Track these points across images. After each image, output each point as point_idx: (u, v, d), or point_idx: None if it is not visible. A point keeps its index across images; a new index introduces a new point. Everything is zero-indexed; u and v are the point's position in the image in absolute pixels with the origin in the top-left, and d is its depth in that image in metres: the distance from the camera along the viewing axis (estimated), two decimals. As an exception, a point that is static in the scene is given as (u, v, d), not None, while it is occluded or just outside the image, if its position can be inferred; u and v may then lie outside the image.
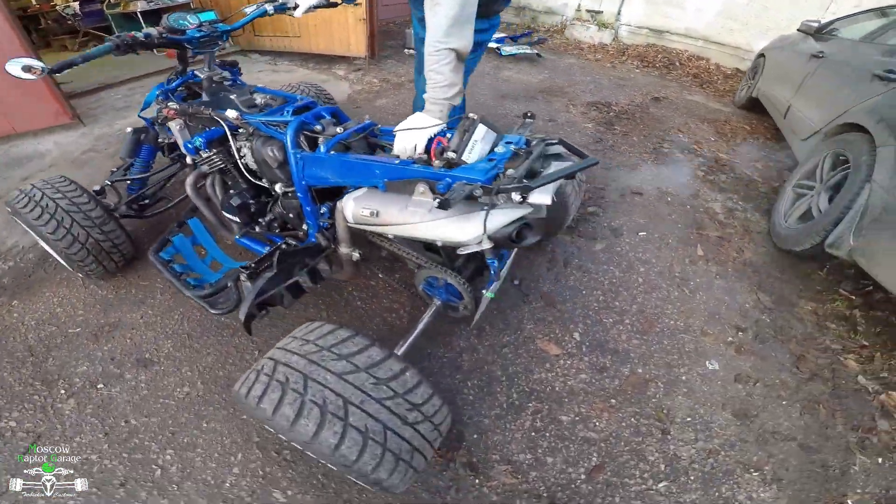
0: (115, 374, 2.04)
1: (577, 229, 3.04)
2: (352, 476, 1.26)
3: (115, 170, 2.65)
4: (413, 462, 1.27)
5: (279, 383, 1.23)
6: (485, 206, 1.45)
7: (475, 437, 1.88)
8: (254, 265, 1.80)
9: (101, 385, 2.00)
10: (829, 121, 3.11)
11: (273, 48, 6.44)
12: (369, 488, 1.54)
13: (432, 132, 1.68)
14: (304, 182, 1.80)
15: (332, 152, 1.73)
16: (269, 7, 2.27)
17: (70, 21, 6.89)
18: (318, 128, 1.81)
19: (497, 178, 1.44)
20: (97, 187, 2.49)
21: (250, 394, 1.23)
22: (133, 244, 2.44)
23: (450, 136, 1.63)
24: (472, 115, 1.61)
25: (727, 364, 2.23)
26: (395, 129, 1.73)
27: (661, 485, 1.76)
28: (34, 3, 7.04)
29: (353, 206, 1.69)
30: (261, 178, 2.03)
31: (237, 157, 1.99)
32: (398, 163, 1.58)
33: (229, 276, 2.05)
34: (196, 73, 2.20)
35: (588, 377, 2.12)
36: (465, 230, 1.46)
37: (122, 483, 1.68)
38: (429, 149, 1.65)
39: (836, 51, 3.68)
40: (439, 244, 1.58)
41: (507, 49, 6.64)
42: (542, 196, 1.47)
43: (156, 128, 2.46)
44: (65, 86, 4.55)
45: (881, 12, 3.88)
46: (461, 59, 1.78)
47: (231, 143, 1.97)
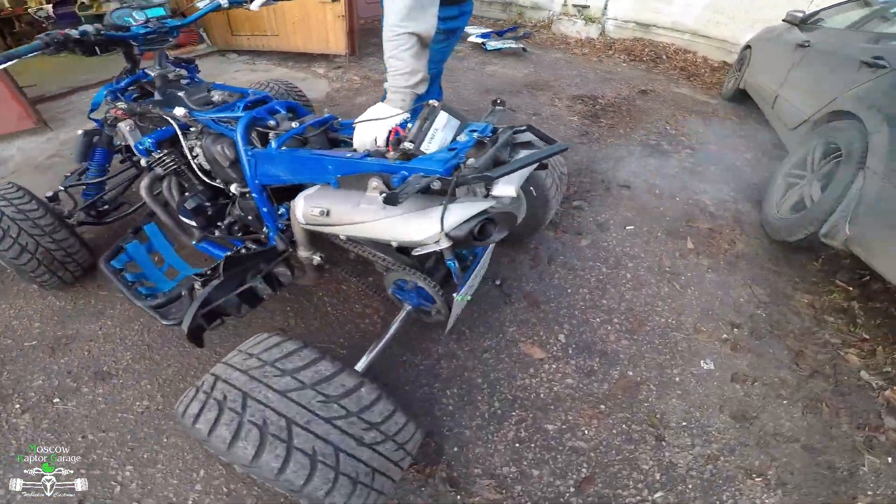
0: (72, 388, 1.95)
1: (562, 224, 2.93)
2: (304, 501, 1.13)
3: (68, 174, 2.53)
4: (375, 485, 1.15)
5: (216, 402, 1.11)
6: (443, 201, 1.32)
7: (455, 450, 1.75)
8: (209, 272, 1.69)
9: (58, 399, 1.91)
10: (818, 109, 3.07)
11: (251, 47, 6.31)
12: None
13: (393, 123, 1.58)
14: (257, 181, 1.70)
15: (284, 148, 1.62)
16: (224, 1, 2.19)
17: (44, 24, 6.74)
18: (272, 123, 1.72)
19: (458, 168, 1.31)
20: (50, 193, 2.37)
21: (187, 412, 1.12)
22: (91, 252, 2.33)
23: (411, 126, 1.51)
24: (432, 101, 1.51)
25: (723, 363, 2.13)
26: (355, 122, 1.63)
27: (658, 495, 1.65)
28: (7, 5, 6.93)
29: (302, 206, 1.57)
30: (215, 179, 1.93)
31: (190, 157, 1.89)
32: (350, 156, 1.47)
33: (183, 284, 1.94)
34: (147, 71, 2.11)
35: (575, 382, 2.00)
36: (420, 228, 1.33)
37: (80, 501, 1.60)
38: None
39: (823, 40, 3.65)
40: (394, 245, 1.44)
41: (493, 44, 6.56)
42: (507, 187, 1.35)
43: (106, 130, 2.35)
44: (29, 90, 4.40)
45: (863, 2, 3.90)
46: (424, 44, 1.68)
47: (182, 142, 1.87)
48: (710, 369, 2.09)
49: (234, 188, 1.84)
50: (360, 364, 1.57)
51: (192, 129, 1.87)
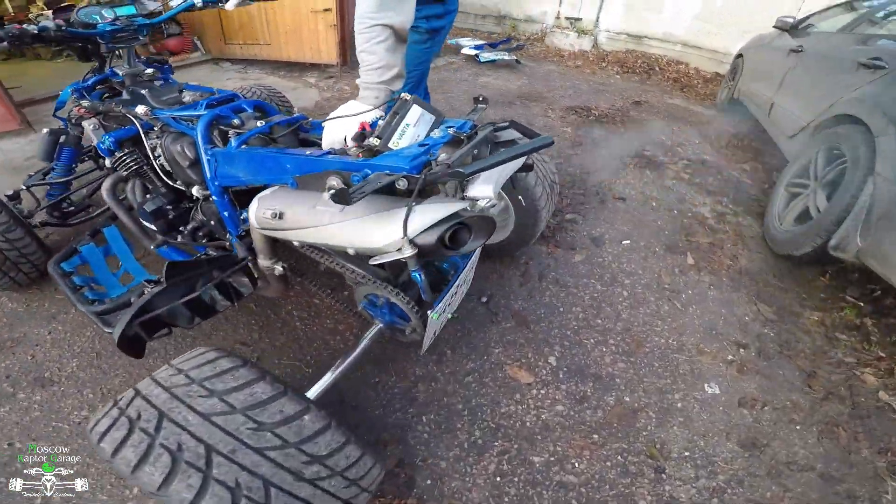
0: (8, 394, 1.85)
1: (554, 239, 2.80)
2: None
3: (32, 174, 2.45)
4: (317, 527, 0.99)
5: (128, 420, 0.98)
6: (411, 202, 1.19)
7: (428, 482, 1.59)
8: (163, 278, 1.56)
9: (-11, 404, 1.78)
10: (817, 115, 2.98)
11: (244, 56, 6.31)
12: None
13: (364, 119, 1.46)
14: (217, 183, 1.59)
15: (244, 147, 1.52)
16: (198, 0, 2.11)
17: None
18: (236, 122, 1.63)
19: (428, 166, 1.17)
20: (9, 192, 2.31)
21: (96, 428, 1.00)
22: (50, 254, 2.22)
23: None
24: (405, 95, 1.40)
25: (729, 386, 1.99)
26: (325, 120, 1.52)
27: (657, 537, 1.48)
28: (10, 11, 6.93)
29: (256, 208, 1.44)
30: (177, 181, 1.84)
31: (152, 157, 1.81)
32: (309, 154, 1.36)
33: (134, 290, 1.84)
34: (116, 70, 2.04)
35: (565, 409, 1.85)
36: (380, 233, 1.19)
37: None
38: None
39: (816, 44, 3.62)
40: (350, 252, 1.29)
41: (486, 55, 6.57)
42: (484, 188, 1.23)
43: (70, 128, 2.29)
44: (15, 91, 4.35)
45: (849, 6, 3.90)
46: (399, 37, 1.59)
47: (144, 141, 1.79)
48: (716, 393, 1.94)
49: (195, 191, 1.74)
50: (316, 387, 1.42)
51: (155, 128, 1.80)
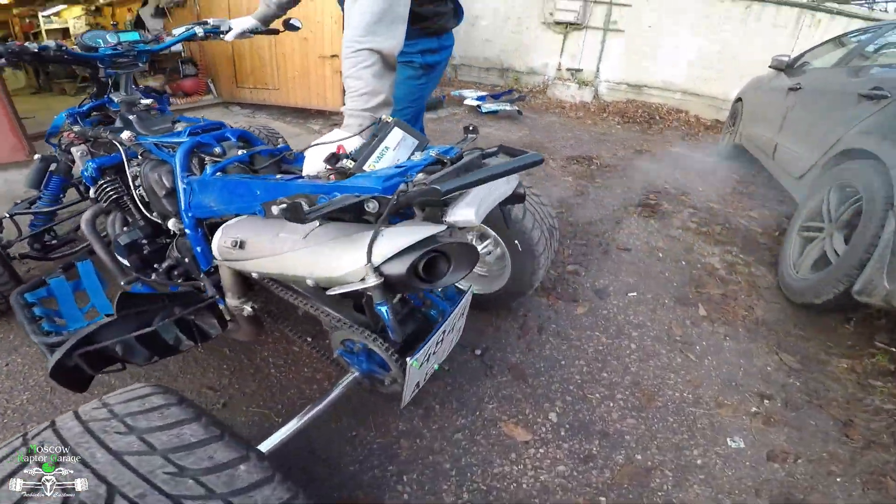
0: None
1: (555, 291, 2.66)
2: None
3: (18, 201, 2.40)
4: None
5: (27, 451, 0.87)
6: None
7: (409, 560, 1.38)
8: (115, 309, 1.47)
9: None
10: (824, 152, 2.90)
11: (253, 100, 6.48)
12: None
13: (343, 144, 1.43)
14: (190, 213, 1.51)
15: (219, 174, 1.46)
16: (199, 29, 2.15)
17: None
18: (217, 150, 1.57)
19: (404, 188, 1.06)
20: None
21: None
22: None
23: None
24: (386, 117, 1.35)
25: (755, 439, 1.79)
26: (306, 148, 1.47)
27: None
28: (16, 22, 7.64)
29: (219, 238, 1.34)
30: (153, 212, 1.78)
31: (132, 186, 1.74)
32: (279, 178, 1.29)
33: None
34: (112, 97, 2.01)
35: (568, 469, 1.64)
36: (341, 259, 1.07)
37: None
38: None
39: (813, 81, 3.64)
40: (310, 283, 1.16)
41: (488, 106, 6.76)
42: (465, 211, 1.11)
43: (59, 156, 2.25)
44: (28, 123, 4.43)
45: (839, 41, 4.00)
46: (388, 64, 1.54)
47: (126, 169, 1.74)
48: (740, 447, 1.74)
49: (171, 224, 1.64)
50: (275, 437, 1.25)
51: (139, 155, 1.76)
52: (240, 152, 1.58)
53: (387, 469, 1.61)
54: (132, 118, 1.87)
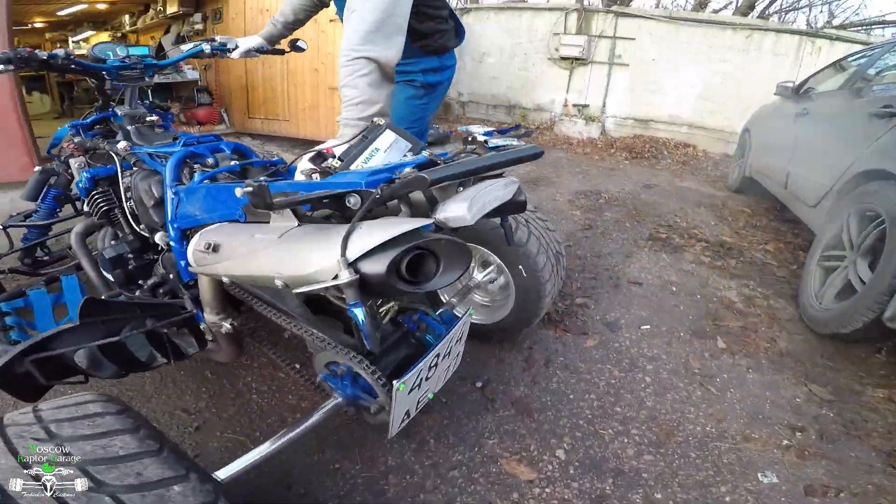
0: None
1: (563, 323, 2.53)
2: None
3: (14, 214, 2.39)
4: None
5: None
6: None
7: None
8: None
9: None
10: (839, 176, 2.81)
11: (264, 131, 6.55)
12: None
13: (332, 147, 1.37)
14: (176, 224, 1.45)
15: (206, 182, 1.42)
16: (206, 46, 2.18)
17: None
18: (210, 161, 1.54)
19: (389, 184, 0.97)
20: None
21: None
22: None
23: None
24: (378, 119, 1.30)
25: (789, 474, 1.63)
26: (298, 159, 1.44)
27: None
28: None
29: (193, 243, 1.25)
30: (140, 224, 1.74)
31: (124, 198, 1.72)
32: (262, 180, 1.18)
33: None
34: (116, 110, 2.01)
35: (578, 510, 1.47)
36: (312, 255, 0.97)
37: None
38: None
39: (820, 105, 3.61)
40: (279, 283, 1.05)
41: (495, 141, 6.68)
42: (457, 207, 1.02)
43: (58, 168, 2.25)
44: (43, 143, 4.50)
45: (839, 66, 4.01)
46: (385, 74, 1.54)
47: (119, 180, 1.72)
48: (773, 482, 1.57)
49: (158, 238, 1.58)
50: (238, 463, 1.11)
51: (133, 165, 1.74)
52: (232, 163, 1.54)
53: (371, 507, 1.45)
54: (131, 129, 1.86)
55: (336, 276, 0.91)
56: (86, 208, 1.87)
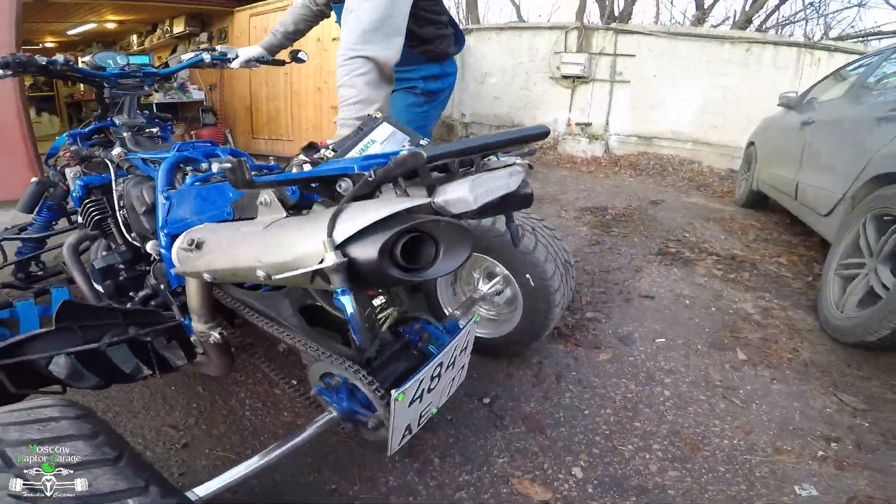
0: None
1: (573, 337, 2.44)
2: None
3: (8, 227, 2.37)
4: None
5: None
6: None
7: None
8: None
9: None
10: (851, 182, 2.75)
11: (268, 151, 6.59)
12: None
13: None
14: (166, 231, 1.39)
15: (197, 184, 1.37)
16: (206, 56, 2.18)
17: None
18: (204, 165, 1.49)
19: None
20: None
21: None
22: None
23: None
24: (376, 112, 1.26)
25: (829, 486, 1.52)
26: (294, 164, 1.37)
27: None
28: (81, 91, 8.53)
29: (178, 243, 1.19)
30: (132, 233, 1.69)
31: (117, 207, 1.67)
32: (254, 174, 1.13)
33: None
34: (115, 120, 1.98)
35: (600, 530, 1.36)
36: (297, 240, 0.90)
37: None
38: None
39: (825, 113, 3.59)
40: (260, 274, 0.96)
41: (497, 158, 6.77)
42: (458, 189, 0.94)
43: (54, 177, 2.22)
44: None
45: (838, 76, 4.04)
46: (384, 75, 1.53)
47: (113, 188, 1.68)
48: (813, 495, 1.46)
49: (150, 247, 1.51)
50: (218, 480, 1.01)
51: (126, 171, 1.71)
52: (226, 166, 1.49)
53: (371, 530, 1.34)
54: (126, 135, 1.83)
55: (322, 261, 0.83)
56: (79, 219, 1.84)
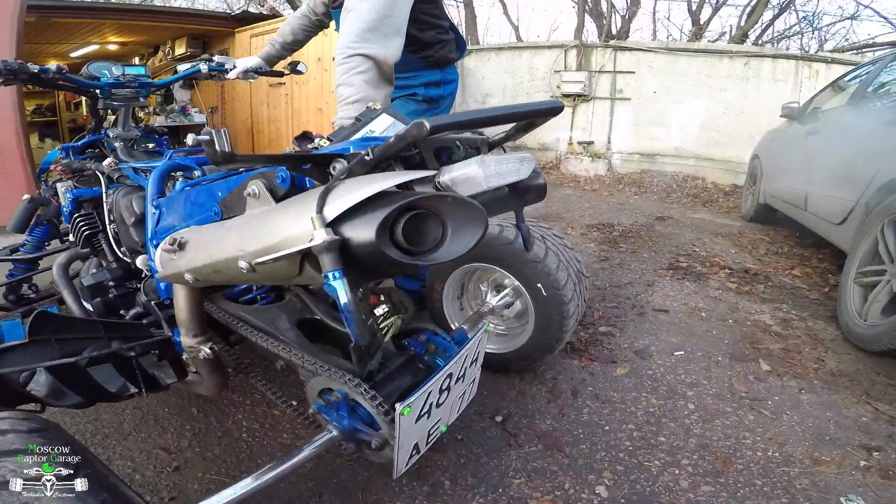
0: None
1: (587, 352, 2.36)
2: None
3: (1, 248, 2.33)
4: None
5: None
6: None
7: None
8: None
9: None
10: (864, 188, 2.72)
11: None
12: None
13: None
14: (155, 242, 1.32)
15: (187, 189, 1.32)
16: (204, 66, 2.17)
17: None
18: (197, 173, 1.45)
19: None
20: None
21: None
22: None
23: None
24: (375, 104, 1.21)
25: (878, 495, 1.45)
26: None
27: None
28: (84, 116, 8.57)
29: (161, 246, 1.15)
30: (121, 247, 1.65)
31: (108, 220, 1.63)
32: (243, 171, 1.13)
33: None
34: (108, 131, 1.96)
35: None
36: (283, 221, 0.83)
37: None
38: None
39: (831, 122, 3.59)
40: (243, 266, 0.88)
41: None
42: (465, 169, 0.88)
43: (46, 194, 2.18)
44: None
45: (837, 87, 4.07)
46: (384, 74, 1.50)
47: (104, 200, 1.65)
48: (863, 506, 1.35)
49: (140, 262, 1.45)
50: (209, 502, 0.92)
51: (116, 180, 1.69)
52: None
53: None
54: (118, 145, 1.80)
55: (311, 239, 0.74)
56: (71, 237, 1.79)
